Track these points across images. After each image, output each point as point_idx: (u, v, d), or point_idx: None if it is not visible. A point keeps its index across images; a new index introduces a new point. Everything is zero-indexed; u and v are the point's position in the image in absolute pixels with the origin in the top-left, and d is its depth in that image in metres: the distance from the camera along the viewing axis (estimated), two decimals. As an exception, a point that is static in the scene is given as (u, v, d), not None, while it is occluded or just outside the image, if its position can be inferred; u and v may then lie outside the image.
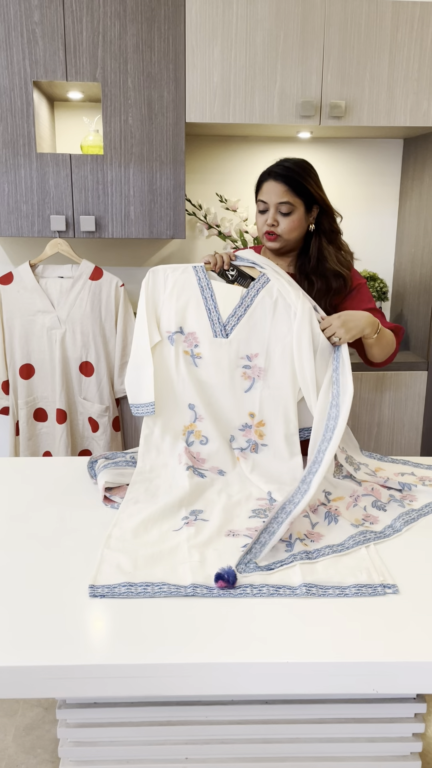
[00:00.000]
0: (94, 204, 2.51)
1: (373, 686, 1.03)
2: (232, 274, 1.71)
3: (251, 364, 1.66)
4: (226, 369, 1.66)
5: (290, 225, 1.72)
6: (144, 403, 1.66)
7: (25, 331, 2.56)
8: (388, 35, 2.43)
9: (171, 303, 1.68)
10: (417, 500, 1.55)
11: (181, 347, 1.67)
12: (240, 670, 1.01)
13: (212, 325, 1.67)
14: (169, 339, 1.67)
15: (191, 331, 1.67)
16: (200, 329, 1.67)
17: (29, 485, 1.63)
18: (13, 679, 1.00)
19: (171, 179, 2.51)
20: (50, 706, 1.97)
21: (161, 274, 1.71)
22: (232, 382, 1.66)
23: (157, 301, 1.69)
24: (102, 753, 1.26)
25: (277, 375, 1.65)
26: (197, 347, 1.66)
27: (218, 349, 1.66)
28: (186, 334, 1.67)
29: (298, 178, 1.71)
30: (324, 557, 1.28)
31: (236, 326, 1.66)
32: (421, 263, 2.80)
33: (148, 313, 1.68)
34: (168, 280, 1.69)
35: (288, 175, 1.71)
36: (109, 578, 1.19)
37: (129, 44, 2.38)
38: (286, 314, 1.65)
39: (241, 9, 2.37)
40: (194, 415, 1.67)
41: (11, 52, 2.35)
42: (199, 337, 1.67)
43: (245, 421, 1.67)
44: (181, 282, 1.69)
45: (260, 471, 1.62)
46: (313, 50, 2.42)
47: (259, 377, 1.66)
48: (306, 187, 1.72)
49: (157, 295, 1.70)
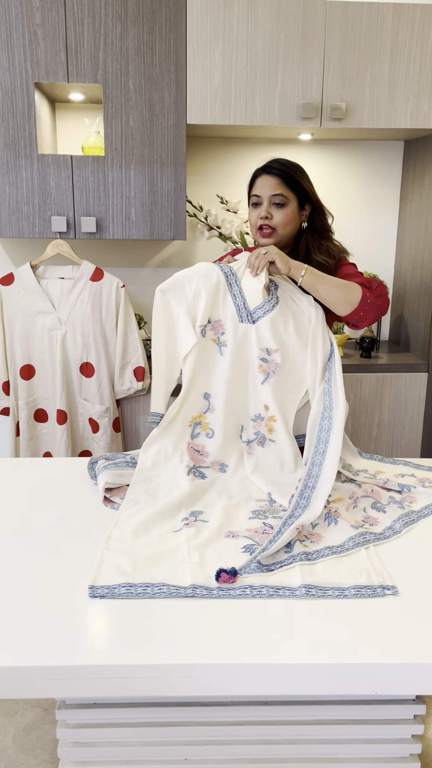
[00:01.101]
0: (95, 205, 2.51)
1: (372, 688, 1.03)
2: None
3: (269, 358, 1.66)
4: (248, 356, 1.67)
5: (284, 218, 1.73)
6: (153, 413, 1.68)
7: (25, 332, 2.57)
8: (388, 37, 2.43)
9: (200, 298, 1.66)
10: (417, 502, 1.55)
11: (209, 336, 1.68)
12: (239, 671, 1.02)
13: (238, 311, 1.67)
14: (202, 332, 1.67)
15: (217, 319, 1.67)
16: (226, 316, 1.67)
17: (29, 486, 1.64)
18: (13, 679, 1.00)
19: (172, 180, 2.51)
20: (50, 707, 1.97)
21: (181, 281, 1.68)
22: (250, 371, 1.67)
23: (180, 306, 1.68)
24: (101, 753, 1.26)
25: (289, 377, 1.67)
26: (223, 335, 1.67)
27: (243, 334, 1.66)
28: (213, 322, 1.67)
29: (291, 173, 1.74)
30: (324, 558, 1.28)
31: (262, 317, 1.66)
32: (422, 265, 2.80)
33: (177, 320, 1.67)
34: (192, 278, 1.68)
35: (281, 170, 1.74)
36: (109, 579, 1.19)
37: (130, 46, 2.39)
38: (300, 321, 1.67)
39: (242, 11, 2.37)
40: (207, 405, 1.68)
41: (13, 54, 2.36)
42: (225, 324, 1.67)
43: (259, 411, 1.68)
44: (206, 277, 1.67)
45: (262, 471, 1.62)
46: (314, 52, 2.42)
47: (274, 373, 1.66)
48: (299, 182, 1.75)
49: (179, 299, 1.68)
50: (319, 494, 1.47)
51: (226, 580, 1.18)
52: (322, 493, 1.47)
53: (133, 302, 2.85)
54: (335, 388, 1.62)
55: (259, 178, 1.76)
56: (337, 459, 1.53)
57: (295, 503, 1.44)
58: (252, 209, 1.77)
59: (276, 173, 1.73)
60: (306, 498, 1.45)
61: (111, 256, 2.96)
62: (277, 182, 1.73)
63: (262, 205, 1.74)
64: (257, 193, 1.75)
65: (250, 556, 1.28)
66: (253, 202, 1.76)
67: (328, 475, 1.51)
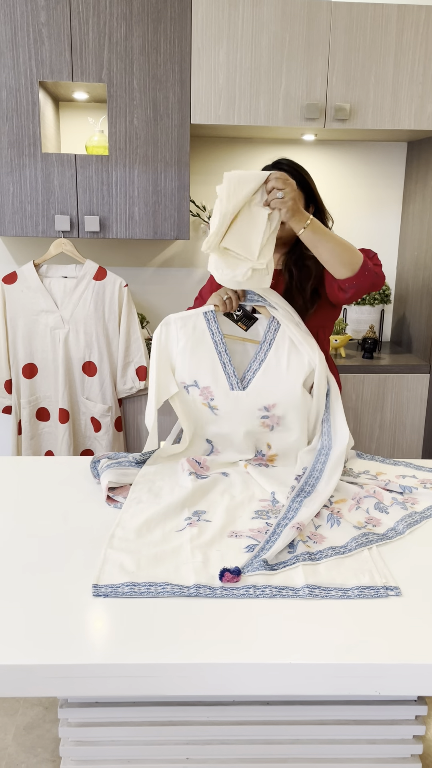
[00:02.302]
0: (99, 204, 2.51)
1: (375, 688, 1.03)
2: (237, 314, 1.72)
3: (269, 414, 1.69)
4: (245, 419, 1.69)
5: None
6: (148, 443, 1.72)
7: (28, 331, 2.57)
8: (393, 38, 2.43)
9: (185, 357, 1.69)
10: (419, 503, 1.55)
11: (199, 399, 1.70)
12: (242, 671, 1.02)
13: (228, 378, 1.69)
14: (186, 389, 1.70)
15: (206, 386, 1.69)
16: (215, 384, 1.69)
17: (31, 485, 1.64)
18: (16, 677, 1.00)
19: (175, 180, 2.51)
20: (51, 705, 1.98)
21: (173, 327, 1.70)
22: (254, 429, 1.70)
23: (170, 353, 1.71)
24: (103, 752, 1.26)
25: (292, 420, 1.69)
26: (213, 400, 1.69)
27: (235, 402, 1.69)
28: (201, 388, 1.69)
29: (300, 171, 1.78)
30: (327, 559, 1.28)
31: (253, 379, 1.68)
32: (424, 266, 2.80)
33: (160, 365, 1.70)
34: (180, 335, 1.70)
35: (291, 166, 1.78)
36: (113, 578, 1.19)
37: (135, 45, 2.39)
38: (298, 362, 1.68)
39: (247, 11, 2.38)
40: (210, 448, 1.73)
41: (17, 52, 2.36)
42: (214, 392, 1.69)
43: (261, 449, 1.73)
44: (194, 339, 1.69)
45: (265, 474, 1.63)
46: (319, 53, 2.43)
47: (278, 424, 1.70)
48: (307, 181, 1.78)
49: (170, 348, 1.71)
50: (312, 501, 1.48)
51: (229, 580, 1.19)
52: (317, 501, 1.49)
53: (136, 302, 2.86)
54: (334, 428, 1.68)
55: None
56: (333, 482, 1.56)
57: (287, 507, 1.46)
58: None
59: (286, 169, 1.76)
60: (294, 510, 1.46)
61: (114, 256, 2.96)
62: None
63: None
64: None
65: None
66: None
67: (322, 491, 1.54)
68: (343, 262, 1.58)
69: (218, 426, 1.72)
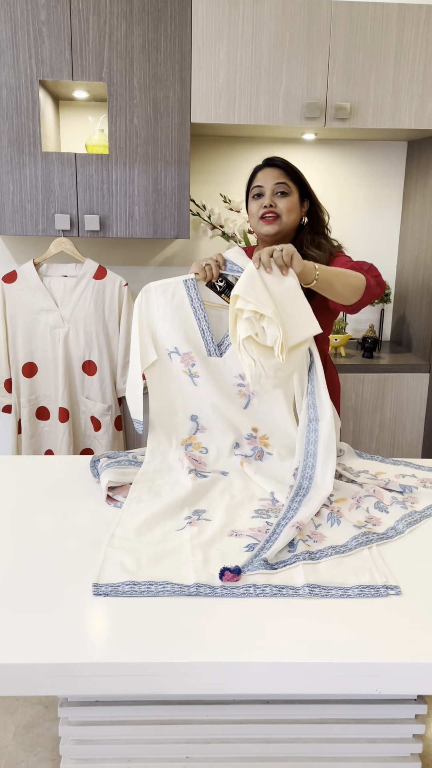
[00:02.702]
0: (99, 203, 2.51)
1: (375, 687, 1.03)
2: (221, 285, 1.70)
3: (244, 382, 1.67)
4: (223, 387, 1.68)
5: (288, 204, 1.75)
6: (135, 420, 1.71)
7: (28, 330, 2.57)
8: (393, 38, 2.43)
9: (165, 324, 1.68)
10: (419, 502, 1.55)
11: (179, 366, 1.69)
12: (242, 670, 1.02)
13: (206, 345, 1.68)
14: (169, 356, 1.69)
15: (186, 351, 1.68)
16: (195, 349, 1.68)
17: (31, 484, 1.64)
18: (16, 676, 1.00)
19: (175, 179, 2.51)
20: (50, 704, 1.98)
21: (153, 294, 1.69)
22: (230, 398, 1.69)
23: (151, 320, 1.70)
24: (103, 751, 1.26)
25: (270, 393, 1.67)
26: (194, 366, 1.68)
27: (214, 368, 1.68)
28: (182, 354, 1.68)
29: (292, 166, 1.79)
30: (327, 558, 1.28)
31: (231, 346, 1.67)
32: (424, 265, 2.80)
33: (142, 334, 1.68)
34: (160, 302, 1.69)
35: (283, 162, 1.79)
36: (113, 577, 1.19)
37: (135, 44, 2.39)
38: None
39: (248, 10, 2.37)
40: (196, 426, 1.70)
41: (17, 51, 2.36)
42: (194, 357, 1.68)
43: (250, 432, 1.71)
44: (173, 305, 1.68)
45: (264, 473, 1.63)
46: (319, 52, 2.42)
47: (254, 394, 1.68)
48: (299, 175, 1.79)
49: (151, 314, 1.69)
50: (311, 500, 1.48)
51: (230, 579, 1.19)
52: (316, 500, 1.48)
53: (136, 301, 2.85)
54: (319, 399, 1.62)
55: (260, 172, 1.79)
56: (329, 471, 1.54)
57: (287, 507, 1.45)
58: (253, 200, 1.79)
59: (277, 166, 1.78)
60: (294, 510, 1.46)
61: (114, 255, 2.96)
62: (280, 173, 1.77)
63: (265, 195, 1.76)
64: (259, 183, 1.77)
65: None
66: (255, 194, 1.78)
67: (320, 485, 1.53)
68: (353, 291, 1.61)
69: (198, 399, 1.69)
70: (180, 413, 1.71)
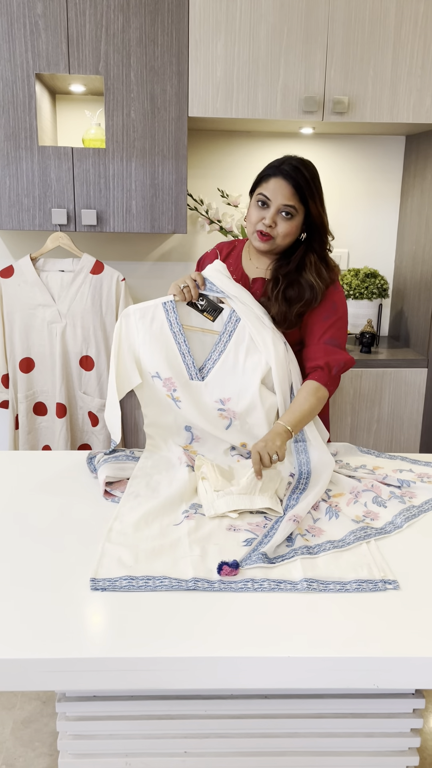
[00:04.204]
0: (96, 198, 2.50)
1: (374, 681, 1.03)
2: (202, 304, 1.69)
3: (225, 407, 1.68)
4: (204, 411, 1.68)
5: (288, 229, 1.65)
6: (113, 441, 1.71)
7: (25, 325, 2.56)
8: (391, 31, 2.42)
9: (145, 348, 1.68)
10: (417, 497, 1.55)
11: (163, 391, 1.69)
12: (240, 665, 1.02)
13: (187, 369, 1.68)
14: (152, 379, 1.70)
15: (167, 377, 1.68)
16: (176, 374, 1.68)
17: (29, 479, 1.63)
18: (14, 671, 1.00)
19: (173, 174, 2.50)
20: (48, 699, 1.98)
21: (132, 319, 1.69)
22: (212, 421, 1.68)
23: (133, 345, 1.70)
24: (101, 746, 1.26)
25: (252, 415, 1.67)
26: (175, 391, 1.68)
27: (195, 392, 1.68)
28: (163, 379, 1.69)
29: (308, 185, 1.64)
30: (325, 552, 1.28)
31: (212, 369, 1.67)
32: (422, 260, 2.80)
33: (124, 358, 1.68)
34: (139, 327, 1.68)
35: (298, 179, 1.63)
36: (111, 572, 1.19)
37: (132, 38, 2.37)
38: (257, 358, 1.65)
39: (245, 3, 2.36)
40: (191, 436, 1.71)
41: (14, 45, 2.34)
42: (175, 382, 1.68)
43: (241, 445, 1.71)
44: (152, 330, 1.68)
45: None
46: (317, 46, 2.41)
47: (235, 418, 1.68)
48: (313, 191, 1.66)
49: (132, 339, 1.70)
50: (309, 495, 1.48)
51: (228, 573, 1.18)
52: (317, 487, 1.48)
53: (133, 296, 2.85)
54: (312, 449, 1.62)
55: (273, 179, 1.64)
56: (321, 487, 1.52)
57: (285, 505, 1.46)
58: (256, 207, 1.67)
59: (292, 182, 1.62)
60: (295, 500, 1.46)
61: (111, 249, 2.95)
62: (292, 192, 1.63)
63: (269, 210, 1.64)
64: (268, 195, 1.64)
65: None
66: (260, 201, 1.65)
67: (320, 471, 1.54)
68: (320, 408, 1.66)
69: (185, 419, 1.70)
70: (173, 426, 1.72)
